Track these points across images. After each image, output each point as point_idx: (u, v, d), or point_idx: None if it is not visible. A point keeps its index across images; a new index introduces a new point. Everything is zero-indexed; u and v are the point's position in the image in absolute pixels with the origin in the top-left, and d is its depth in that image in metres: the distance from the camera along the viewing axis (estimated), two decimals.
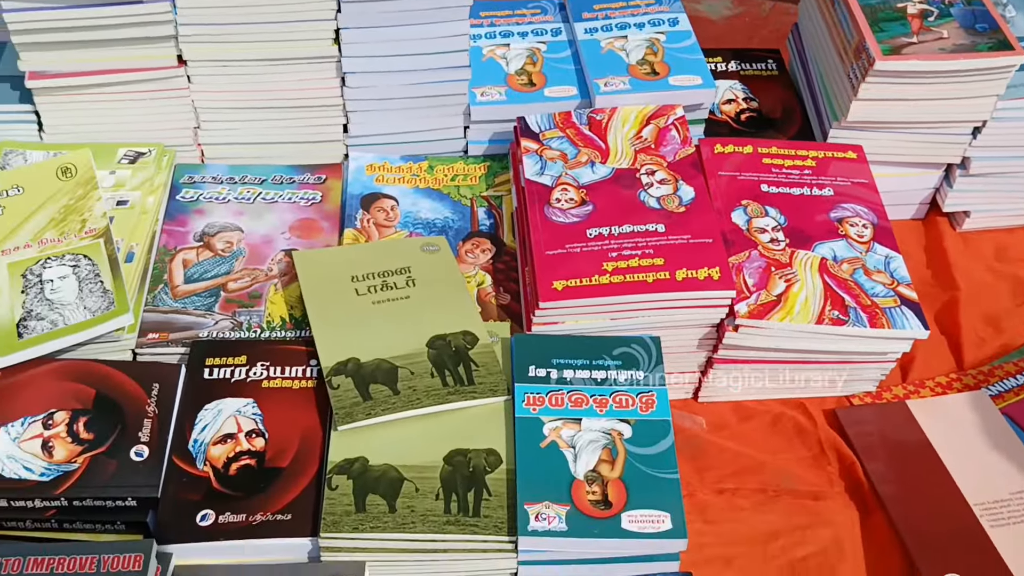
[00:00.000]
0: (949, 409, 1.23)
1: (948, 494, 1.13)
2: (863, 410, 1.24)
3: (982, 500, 1.12)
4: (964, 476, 1.15)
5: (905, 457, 1.18)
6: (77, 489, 1.03)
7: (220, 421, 1.09)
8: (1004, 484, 1.13)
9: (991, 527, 1.09)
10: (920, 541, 1.09)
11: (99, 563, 0.95)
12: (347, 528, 0.99)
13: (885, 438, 1.20)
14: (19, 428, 1.06)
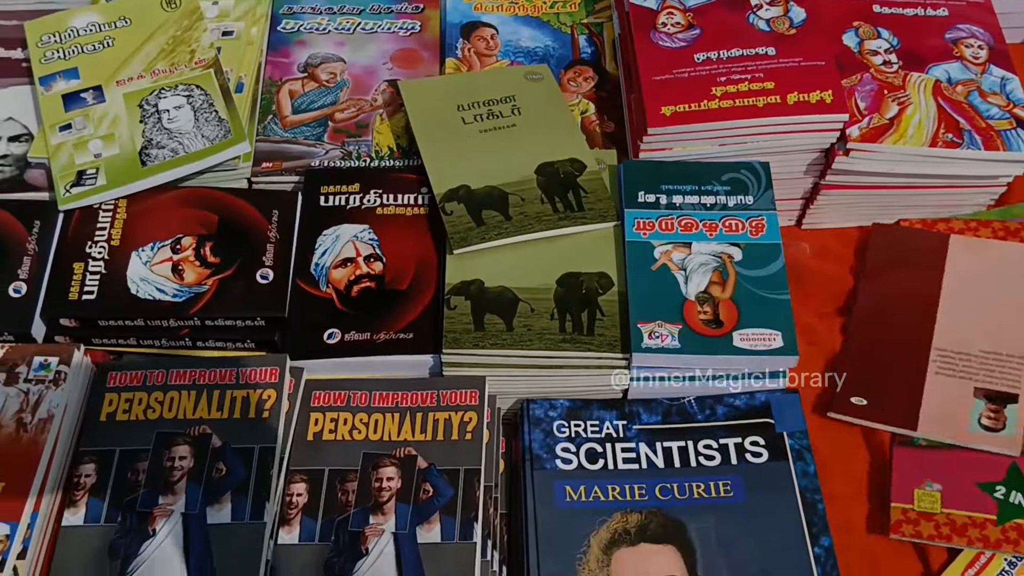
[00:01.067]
0: (989, 253, 1.17)
1: (917, 331, 1.11)
2: (901, 231, 1.21)
3: (946, 347, 1.09)
4: (948, 320, 1.11)
5: (904, 284, 1.15)
6: (208, 310, 1.07)
7: (339, 246, 1.12)
8: (979, 341, 1.10)
9: (935, 373, 1.08)
10: (857, 362, 1.08)
11: (238, 375, 1.01)
12: (468, 344, 1.02)
13: (900, 260, 1.17)
14: (150, 252, 1.11)
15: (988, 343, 1.09)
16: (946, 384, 1.07)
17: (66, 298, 1.07)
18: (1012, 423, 1.03)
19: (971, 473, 1.02)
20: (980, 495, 1.01)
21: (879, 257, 1.18)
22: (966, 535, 0.98)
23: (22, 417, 0.94)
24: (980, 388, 1.06)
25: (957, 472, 1.02)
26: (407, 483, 0.96)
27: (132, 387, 0.99)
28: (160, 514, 0.92)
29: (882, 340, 1.10)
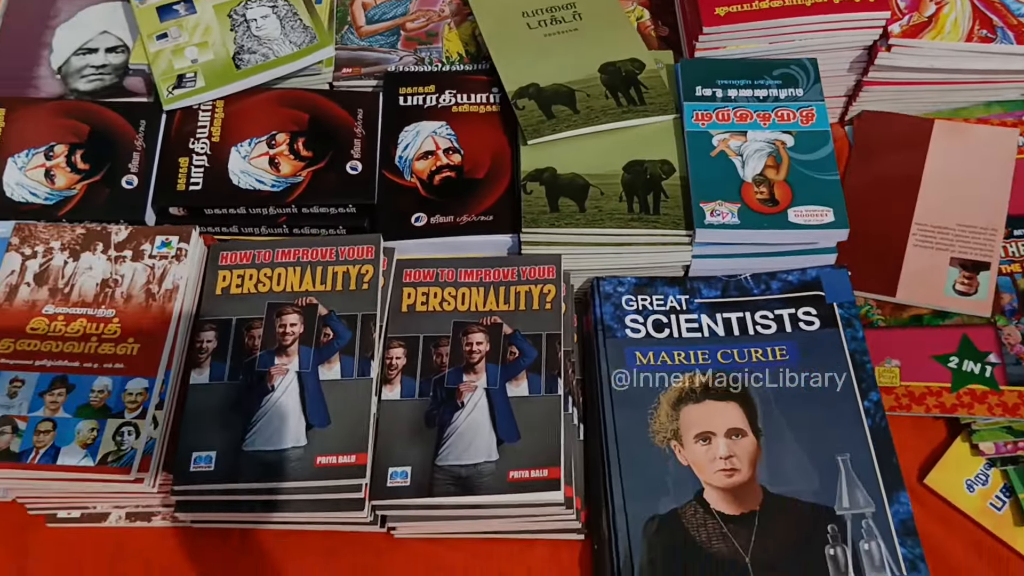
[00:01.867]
0: (972, 138, 1.25)
1: (900, 208, 1.20)
2: (889, 117, 1.29)
3: (925, 222, 1.19)
4: (928, 197, 1.21)
5: (889, 164, 1.24)
6: (304, 198, 1.16)
7: (419, 141, 1.20)
8: (958, 215, 1.19)
9: (914, 245, 1.17)
10: None
11: (337, 252, 1.10)
12: (545, 224, 1.11)
13: (887, 144, 1.26)
14: (247, 147, 1.19)
15: (965, 217, 1.18)
16: (924, 255, 1.17)
17: (174, 189, 1.16)
18: (984, 288, 1.13)
19: (926, 348, 1.12)
20: (935, 366, 1.11)
21: (867, 141, 1.27)
22: (924, 403, 1.09)
23: (150, 288, 1.04)
24: (956, 258, 1.16)
25: (914, 348, 1.12)
26: (495, 346, 1.05)
27: (242, 265, 1.08)
28: (277, 373, 1.01)
29: (867, 217, 1.18)
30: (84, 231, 1.07)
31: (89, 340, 1.00)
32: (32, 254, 1.06)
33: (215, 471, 0.96)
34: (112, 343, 1.00)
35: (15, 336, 1.00)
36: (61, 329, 1.01)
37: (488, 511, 0.98)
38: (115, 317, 1.02)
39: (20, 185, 1.16)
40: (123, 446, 0.94)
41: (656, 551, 0.97)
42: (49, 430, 0.95)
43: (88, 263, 1.05)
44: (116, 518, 1.05)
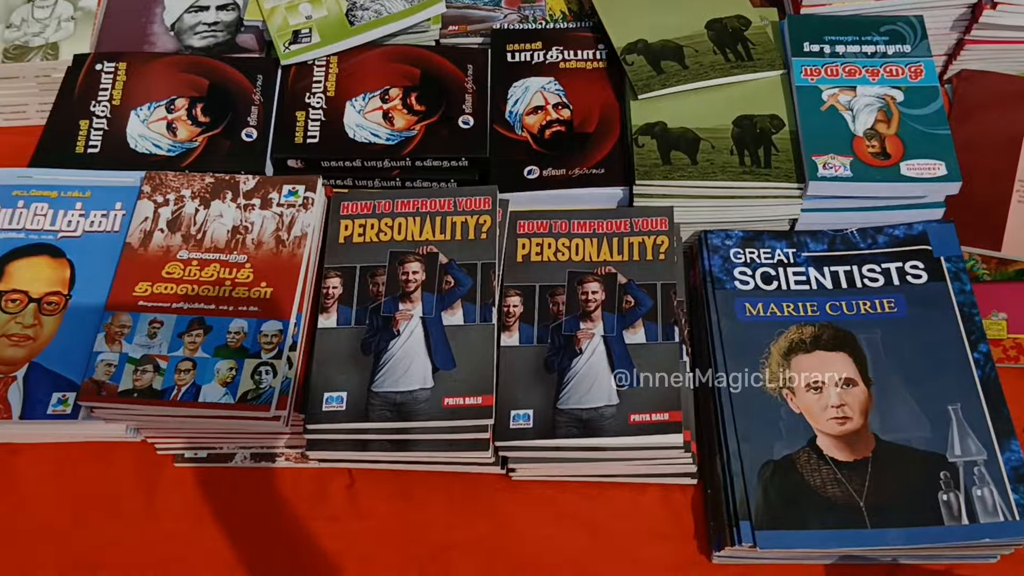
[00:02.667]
0: None
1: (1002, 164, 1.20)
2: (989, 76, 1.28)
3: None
4: None
5: (990, 123, 1.24)
6: (418, 151, 1.18)
7: (528, 96, 1.22)
8: None
9: (1018, 201, 1.17)
10: None
11: (455, 203, 1.12)
12: (658, 176, 1.12)
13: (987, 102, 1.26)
14: (362, 102, 1.21)
15: None
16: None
17: (292, 142, 1.19)
18: None
19: None
20: None
21: (967, 100, 1.26)
22: None
23: (279, 235, 1.07)
24: None
25: (1020, 301, 1.13)
26: (610, 296, 1.07)
27: (363, 215, 1.11)
28: (402, 318, 1.04)
29: (969, 174, 1.15)
30: (213, 180, 1.10)
31: (223, 284, 1.03)
32: (164, 202, 1.09)
33: (346, 411, 0.99)
34: (246, 287, 1.03)
35: (152, 280, 1.03)
36: (196, 274, 1.04)
37: (608, 453, 1.00)
38: (247, 262, 1.04)
39: (143, 137, 1.19)
40: (261, 385, 0.97)
41: (772, 494, 0.99)
42: (189, 369, 0.98)
43: (218, 211, 1.08)
44: (241, 458, 1.08)
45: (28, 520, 1.05)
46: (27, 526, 1.05)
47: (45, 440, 1.08)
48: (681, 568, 1.02)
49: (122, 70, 1.23)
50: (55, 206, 1.10)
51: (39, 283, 1.05)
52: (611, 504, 1.06)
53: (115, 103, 1.21)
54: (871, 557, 0.99)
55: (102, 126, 1.20)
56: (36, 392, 0.99)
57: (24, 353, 1.01)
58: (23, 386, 1.00)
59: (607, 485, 1.07)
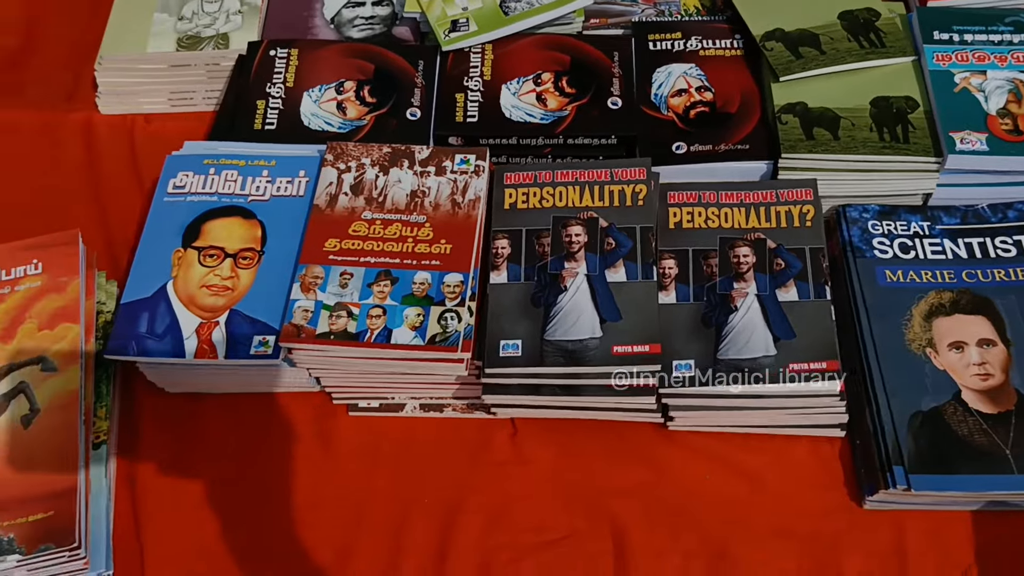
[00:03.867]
0: None
1: None
2: None
3: None
4: None
5: None
6: (571, 130, 1.26)
7: (672, 80, 1.30)
8: None
9: None
10: None
11: (611, 174, 1.19)
12: (802, 150, 1.19)
13: None
14: (516, 85, 1.30)
15: None
16: None
17: (453, 120, 1.27)
18: None
19: None
20: None
21: None
22: None
23: (455, 198, 1.15)
24: None
25: None
26: (761, 258, 1.13)
27: (526, 184, 1.19)
28: (568, 275, 1.11)
29: None
30: (390, 149, 1.19)
31: (406, 241, 1.11)
32: (346, 168, 1.18)
33: (522, 356, 1.06)
34: (426, 244, 1.11)
35: (340, 237, 1.12)
36: (380, 232, 1.12)
37: (767, 401, 1.06)
38: (426, 222, 1.13)
39: (315, 115, 1.29)
40: (448, 329, 1.05)
41: (923, 442, 1.04)
42: (380, 315, 1.06)
43: (397, 177, 1.17)
44: (411, 408, 1.15)
45: (209, 462, 1.13)
46: (208, 468, 1.12)
47: (229, 390, 1.16)
48: (835, 512, 1.07)
49: (294, 55, 1.33)
50: (243, 173, 1.19)
51: (233, 240, 1.14)
52: (764, 454, 1.11)
53: (288, 85, 1.31)
54: (1016, 503, 1.04)
55: (277, 106, 1.29)
56: (237, 335, 1.08)
57: (224, 302, 1.10)
58: (225, 330, 1.08)
59: (758, 436, 1.12)
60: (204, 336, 1.07)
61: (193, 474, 1.12)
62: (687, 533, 1.06)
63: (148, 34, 1.41)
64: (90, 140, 1.43)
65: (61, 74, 1.52)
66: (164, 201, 1.18)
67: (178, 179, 1.19)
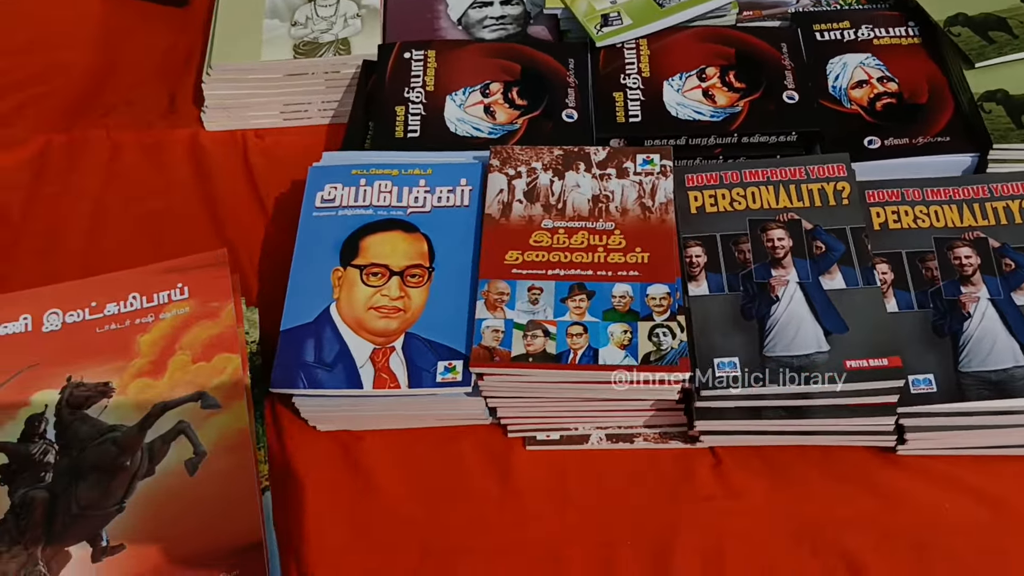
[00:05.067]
0: None
1: None
2: None
3: None
4: None
5: None
6: (745, 127, 1.14)
7: (848, 71, 1.19)
8: None
9: None
10: None
11: (807, 172, 1.08)
12: (1014, 140, 1.08)
13: None
14: (679, 81, 1.19)
15: None
16: None
17: (615, 121, 1.16)
18: None
19: None
20: None
21: None
22: None
23: (643, 202, 1.03)
24: None
25: None
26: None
27: (711, 185, 1.07)
28: (777, 283, 0.99)
29: None
30: (562, 152, 1.07)
31: (596, 251, 0.99)
32: (516, 174, 1.06)
33: (740, 376, 0.94)
34: (620, 253, 0.99)
35: (521, 248, 1.00)
36: (565, 241, 1.00)
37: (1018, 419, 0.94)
38: (615, 229, 1.01)
39: (462, 120, 1.17)
40: (662, 347, 0.93)
41: None
42: (581, 333, 0.94)
43: (574, 181, 1.05)
44: (596, 439, 1.03)
45: (381, 506, 1.00)
46: (381, 512, 0.99)
47: (389, 426, 1.03)
48: None
49: (432, 57, 1.21)
50: (398, 183, 1.07)
51: (397, 256, 1.02)
52: (1002, 477, 0.99)
53: (429, 89, 1.19)
54: None
55: (419, 111, 1.18)
56: (418, 361, 0.95)
57: (397, 324, 0.97)
58: (403, 356, 0.95)
59: (992, 458, 1.00)
60: (381, 364, 0.95)
61: (362, 521, 0.99)
62: (939, 565, 0.93)
63: (261, 42, 1.29)
64: (199, 158, 1.31)
65: (153, 90, 1.40)
66: (313, 216, 1.06)
67: (326, 192, 1.07)
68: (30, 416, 0.90)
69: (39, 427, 0.89)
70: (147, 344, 0.94)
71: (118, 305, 0.97)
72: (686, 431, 1.01)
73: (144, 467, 0.87)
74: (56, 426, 0.90)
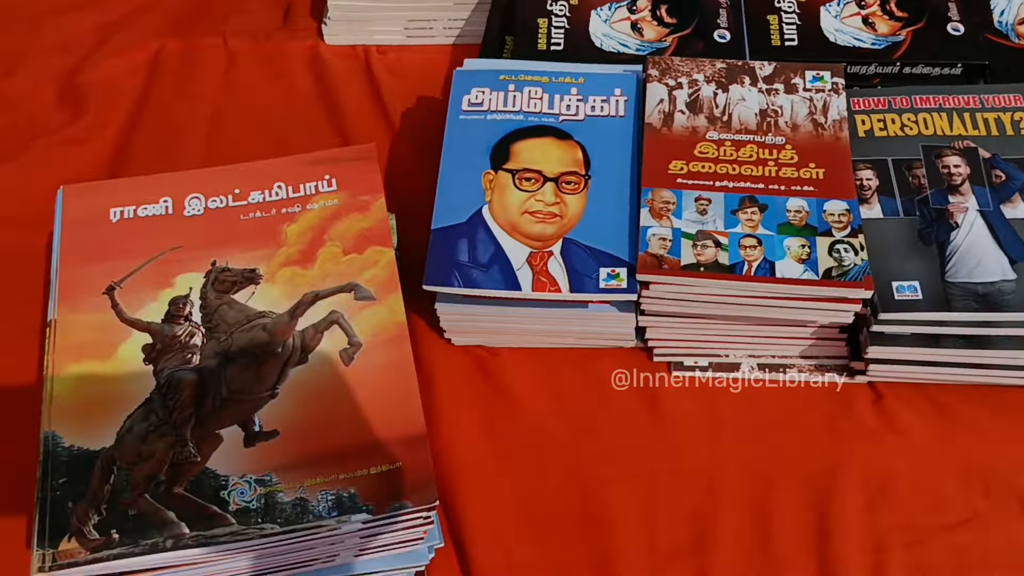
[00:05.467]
0: None
1: None
2: None
3: None
4: None
5: None
6: (910, 56, 1.09)
7: (1015, 6, 1.13)
8: None
9: None
10: None
11: (981, 101, 1.02)
12: None
13: None
14: (837, 7, 1.13)
15: None
16: None
17: (769, 44, 1.10)
18: None
19: None
20: None
21: None
22: None
23: (815, 118, 0.97)
24: None
25: None
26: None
27: (879, 110, 1.01)
28: (956, 210, 0.94)
29: None
30: (724, 65, 1.02)
31: (766, 164, 0.94)
32: (677, 85, 1.00)
33: (923, 300, 0.88)
34: (792, 167, 0.93)
35: (686, 159, 0.94)
36: (732, 153, 0.95)
37: None
38: (786, 144, 0.95)
39: (608, 36, 1.12)
40: (844, 262, 0.87)
41: None
42: (755, 246, 0.89)
43: (739, 94, 0.99)
44: (747, 368, 0.97)
45: (521, 422, 0.94)
46: (521, 429, 0.94)
47: (527, 343, 0.98)
48: None
49: None
50: (548, 91, 1.02)
51: (551, 163, 0.97)
52: None
53: (572, 2, 1.14)
54: None
55: (562, 24, 1.13)
56: (578, 267, 0.90)
57: (554, 230, 0.92)
58: (562, 261, 0.90)
59: None
60: (538, 267, 0.90)
61: (502, 436, 0.94)
62: None
63: None
64: (319, 70, 1.27)
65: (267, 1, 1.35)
66: (460, 119, 1.01)
67: (472, 96, 1.02)
68: (174, 298, 0.85)
69: (184, 309, 0.84)
70: (294, 233, 0.89)
71: (262, 193, 0.92)
72: (844, 364, 0.95)
73: (296, 355, 0.82)
74: (201, 309, 0.85)
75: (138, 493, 0.75)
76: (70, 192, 0.92)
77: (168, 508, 0.74)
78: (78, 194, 0.92)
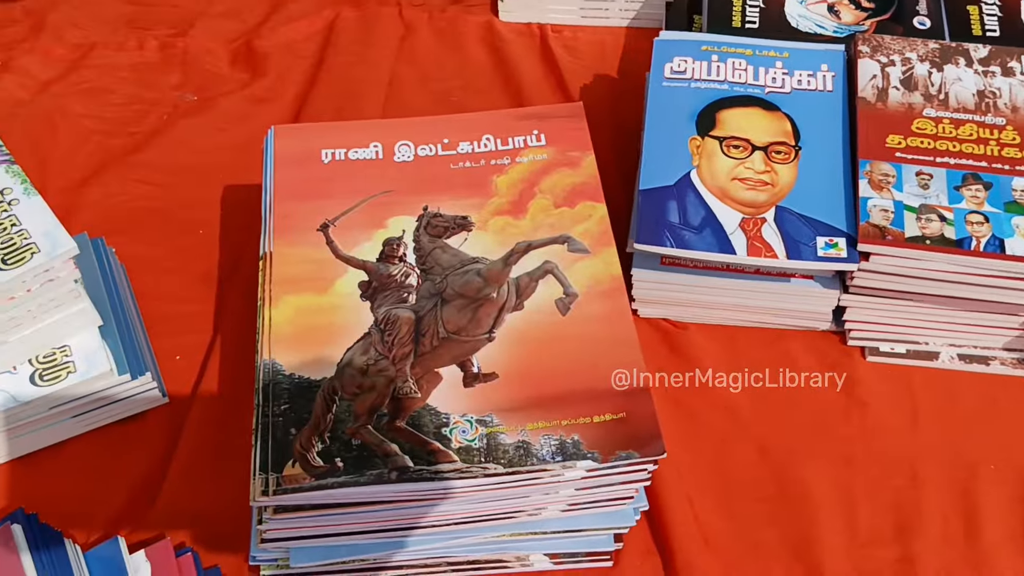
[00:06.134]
0: None
1: None
2: None
3: None
4: None
5: None
6: None
7: None
8: None
9: None
10: None
11: None
12: None
13: None
14: None
15: None
16: None
17: (970, 33, 1.08)
18: None
19: None
20: None
21: None
22: None
23: None
24: None
25: None
26: None
27: None
28: None
29: None
30: (938, 45, 0.99)
31: (987, 143, 0.91)
32: (890, 62, 0.98)
33: None
34: (1015, 148, 0.91)
35: (903, 134, 0.92)
36: (951, 131, 0.92)
37: None
38: (1007, 125, 0.92)
39: (804, 17, 1.10)
40: None
41: None
42: (982, 222, 0.85)
43: (955, 74, 0.96)
44: (947, 358, 0.93)
45: (711, 397, 0.92)
46: (711, 403, 0.91)
47: (714, 319, 0.96)
48: None
49: None
50: (753, 63, 1.00)
51: (758, 132, 0.95)
52: None
53: None
54: None
55: (757, 3, 1.11)
56: (794, 234, 0.88)
57: (766, 197, 0.90)
58: (776, 228, 0.88)
59: None
60: (752, 233, 0.87)
61: (694, 413, 0.91)
62: None
63: None
64: (496, 45, 1.27)
65: None
66: (663, 86, 0.99)
67: (675, 64, 1.01)
68: (388, 239, 0.85)
69: (397, 250, 0.83)
70: (505, 184, 0.88)
71: (471, 144, 0.91)
72: None
73: (512, 301, 0.80)
74: (415, 251, 0.84)
75: (361, 423, 0.73)
76: (281, 132, 0.92)
77: (392, 441, 0.72)
78: (289, 134, 0.92)
